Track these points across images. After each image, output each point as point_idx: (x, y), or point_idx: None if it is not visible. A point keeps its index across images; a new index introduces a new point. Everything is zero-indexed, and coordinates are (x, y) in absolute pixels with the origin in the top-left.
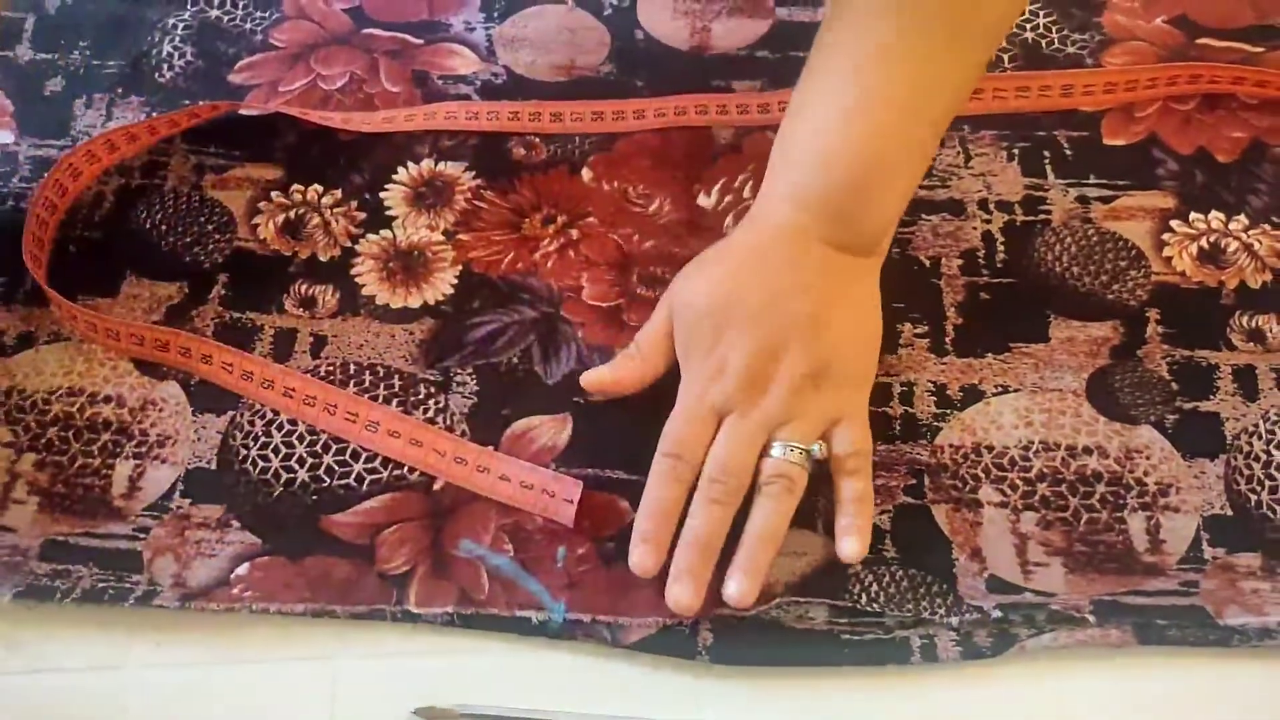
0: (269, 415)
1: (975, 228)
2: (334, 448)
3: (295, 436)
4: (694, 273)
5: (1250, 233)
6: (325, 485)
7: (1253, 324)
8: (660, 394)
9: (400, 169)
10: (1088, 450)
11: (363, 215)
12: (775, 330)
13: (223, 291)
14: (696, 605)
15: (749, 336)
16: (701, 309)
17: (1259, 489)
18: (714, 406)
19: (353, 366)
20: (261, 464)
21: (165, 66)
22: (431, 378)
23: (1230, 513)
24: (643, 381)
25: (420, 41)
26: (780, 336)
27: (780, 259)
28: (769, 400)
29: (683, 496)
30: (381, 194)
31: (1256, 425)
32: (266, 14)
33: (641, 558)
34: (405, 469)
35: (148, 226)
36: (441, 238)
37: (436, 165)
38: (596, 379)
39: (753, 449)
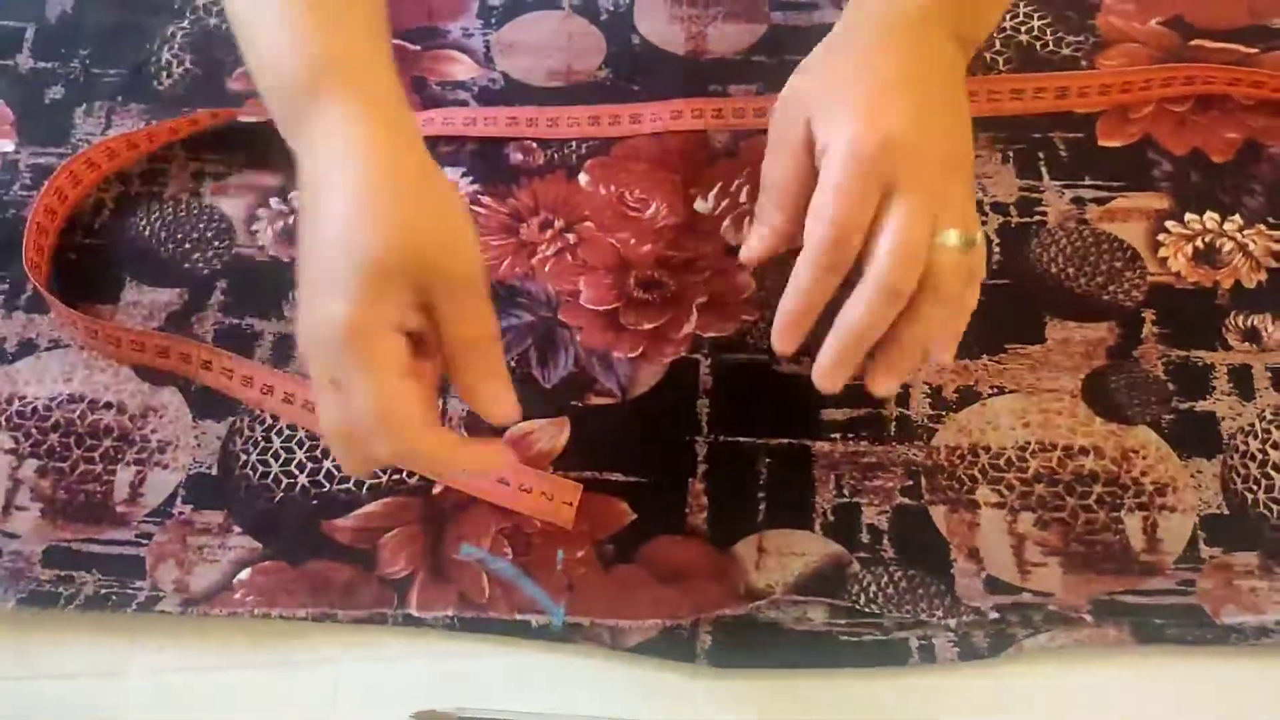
0: (269, 421)
1: None
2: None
3: (295, 442)
4: (824, 62)
5: (1245, 233)
6: (326, 490)
7: (1248, 324)
8: (653, 399)
9: None
10: (1084, 451)
11: None
12: (925, 104)
13: (222, 298)
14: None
15: (904, 105)
16: (849, 74)
17: (1255, 488)
18: (881, 171)
19: None
20: (262, 469)
21: (165, 74)
22: None
23: (1227, 512)
24: (791, 222)
25: (418, 48)
26: (929, 111)
27: (912, 43)
28: (931, 177)
29: (835, 287)
30: None
31: (1252, 424)
32: None
33: (784, 343)
34: (404, 473)
35: (147, 233)
36: None
37: None
38: (753, 248)
39: (931, 227)
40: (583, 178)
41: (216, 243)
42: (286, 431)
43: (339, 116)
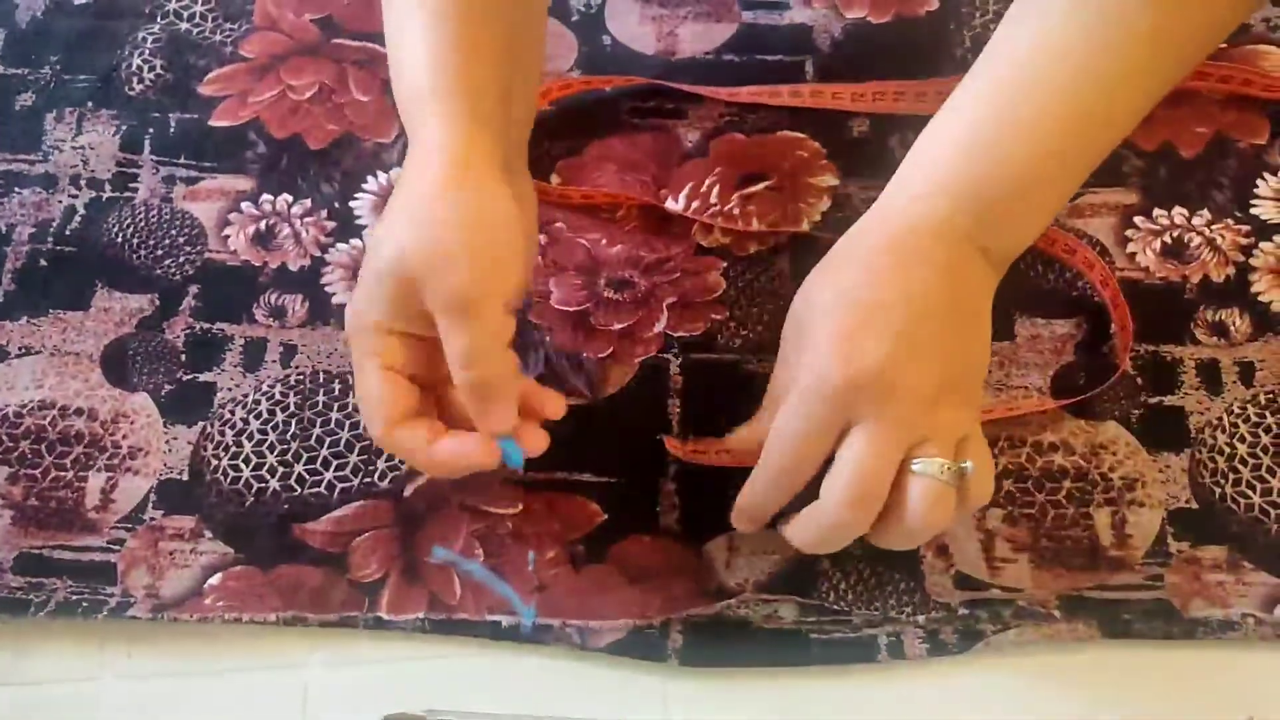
0: (239, 425)
1: None
2: (304, 456)
3: (266, 446)
4: (816, 277)
5: (1213, 228)
6: (297, 494)
7: (1216, 318)
8: (623, 399)
9: (370, 178)
10: (1053, 447)
11: (333, 225)
12: (916, 333)
13: (193, 303)
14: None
15: (882, 338)
16: (823, 307)
17: (1223, 482)
18: (844, 408)
19: (323, 375)
20: (233, 474)
21: (135, 80)
22: None
23: (1195, 506)
24: None
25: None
26: (919, 339)
27: (921, 257)
28: (906, 409)
29: (789, 498)
30: (351, 203)
31: (1220, 419)
32: (236, 26)
33: (741, 527)
34: (376, 477)
35: (119, 239)
36: None
37: None
38: (740, 442)
39: (892, 463)
40: (554, 178)
41: (188, 248)
42: (258, 436)
43: (430, 123)
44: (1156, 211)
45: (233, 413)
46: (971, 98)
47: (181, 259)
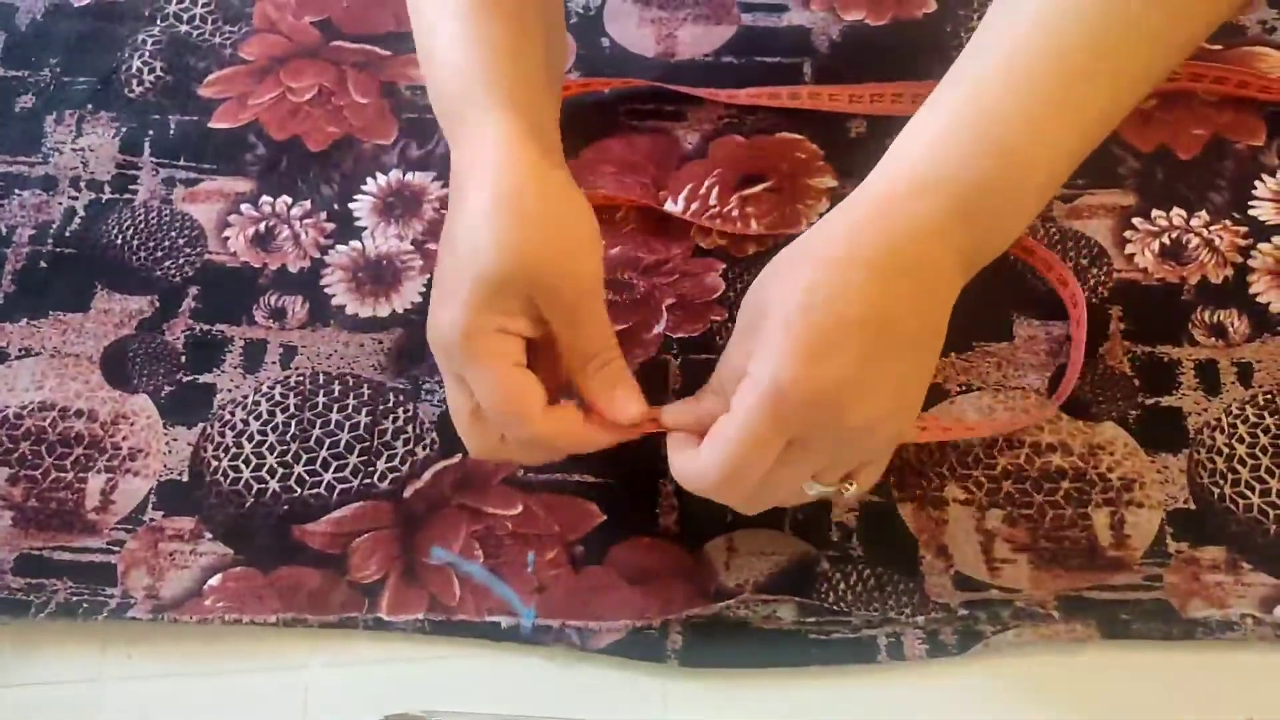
0: (239, 426)
1: None
2: (304, 457)
3: (265, 447)
4: (787, 267)
5: (1211, 229)
6: (296, 495)
7: (1214, 319)
8: None
9: (369, 180)
10: (1052, 447)
11: (332, 226)
12: (879, 353)
13: (193, 304)
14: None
15: (848, 356)
16: (791, 308)
17: (1221, 482)
18: (793, 423)
19: (322, 376)
20: (233, 475)
21: (135, 82)
22: (401, 386)
23: (1193, 507)
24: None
25: (388, 53)
26: (881, 361)
27: (898, 267)
28: (841, 439)
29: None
30: (350, 205)
31: (1219, 419)
32: (236, 28)
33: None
34: (375, 478)
35: (119, 241)
36: (410, 247)
37: (405, 175)
38: (675, 420)
39: (804, 479)
40: None
41: (188, 249)
42: (257, 437)
43: (481, 124)
44: (1155, 213)
45: (232, 414)
46: (951, 95)
47: (181, 260)
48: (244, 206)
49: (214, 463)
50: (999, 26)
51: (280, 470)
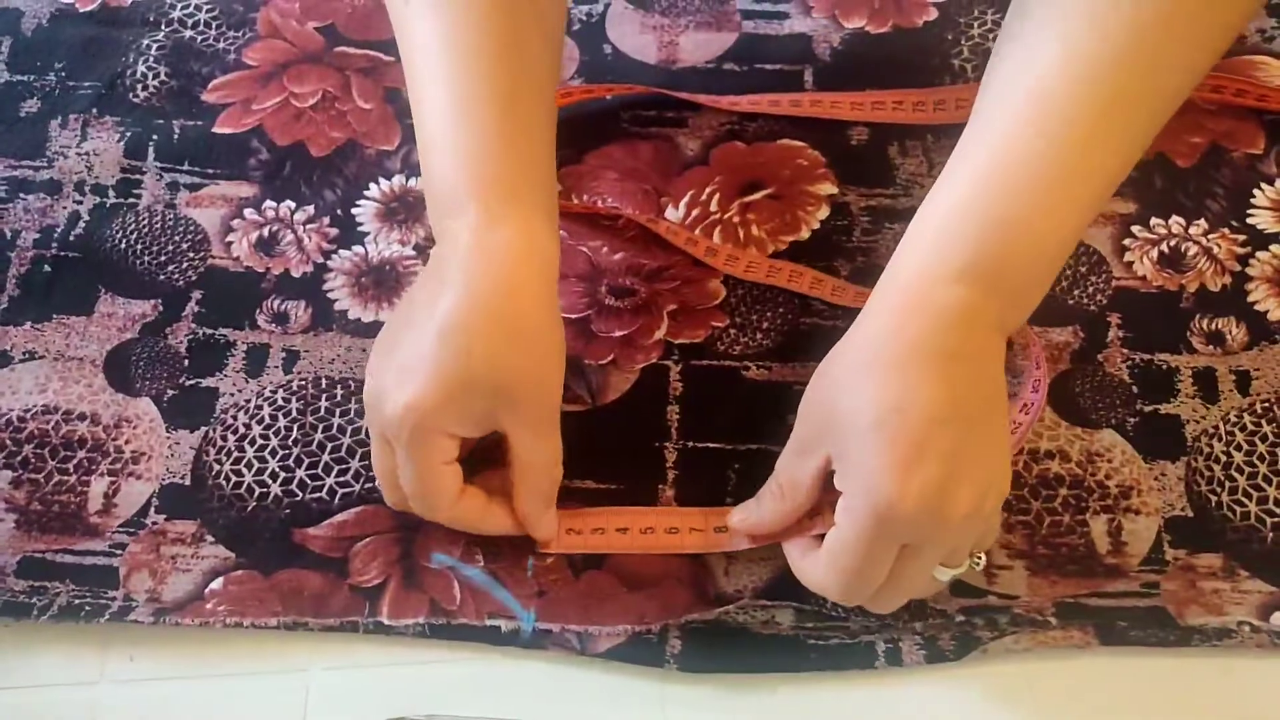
0: (241, 430)
1: None
2: (306, 461)
3: (268, 451)
4: (849, 378)
5: (1210, 237)
6: (298, 499)
7: (1213, 327)
8: (623, 406)
9: (372, 185)
10: (1050, 454)
11: (335, 231)
12: (963, 445)
13: (196, 308)
14: None
15: (937, 459)
16: (868, 423)
17: (1219, 490)
18: (895, 538)
19: (325, 381)
20: (235, 479)
21: (140, 87)
22: None
23: (1191, 514)
24: (791, 520)
25: (392, 59)
26: (966, 453)
27: (954, 355)
28: (950, 535)
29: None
30: (353, 210)
31: (1216, 427)
32: (240, 33)
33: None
34: (377, 482)
35: (123, 245)
36: (413, 252)
37: (408, 181)
38: (742, 522)
39: (929, 573)
40: None
41: (191, 254)
42: (259, 441)
43: (484, 225)
44: (1154, 221)
45: (235, 418)
46: (966, 172)
47: (185, 265)
48: (247, 211)
49: (216, 466)
50: (1000, 97)
51: (282, 474)
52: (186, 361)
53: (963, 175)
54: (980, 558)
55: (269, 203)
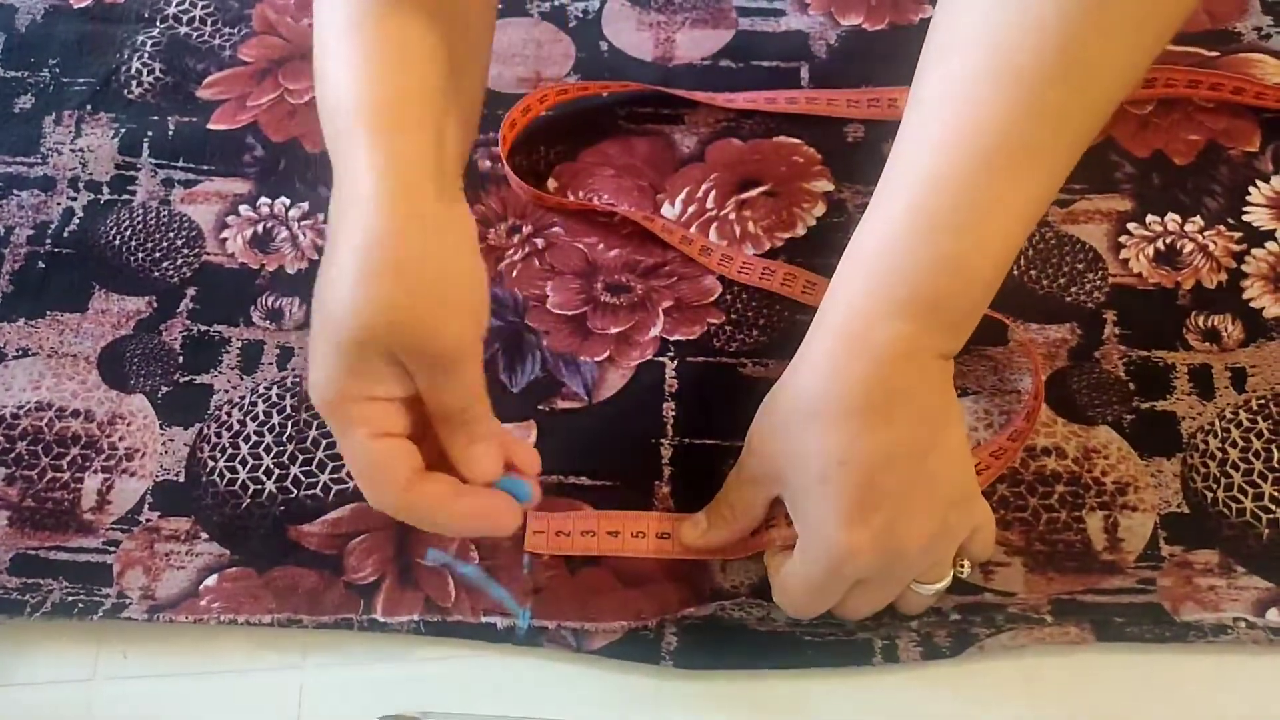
0: (236, 427)
1: None
2: (300, 459)
3: (262, 448)
4: (793, 425)
5: (1206, 234)
6: (292, 496)
7: (1208, 324)
8: (619, 403)
9: None
10: (1046, 451)
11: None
12: (915, 484)
13: (191, 305)
14: None
15: (883, 504)
16: (814, 477)
17: (1215, 487)
18: (848, 580)
19: None
20: (229, 476)
21: (134, 83)
22: None
23: (1187, 510)
24: (736, 539)
25: None
26: (918, 491)
27: (899, 390)
28: (910, 565)
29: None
30: None
31: (1212, 424)
32: (235, 30)
33: None
34: None
35: (117, 242)
36: None
37: None
38: (689, 540)
39: (894, 596)
40: (551, 183)
41: (185, 250)
42: (254, 438)
43: (361, 165)
44: (1150, 218)
45: (229, 415)
46: (896, 206)
47: (179, 261)
48: (242, 208)
49: (210, 463)
50: (928, 118)
51: (276, 471)
52: (181, 358)
53: (895, 207)
54: (963, 566)
55: (263, 199)
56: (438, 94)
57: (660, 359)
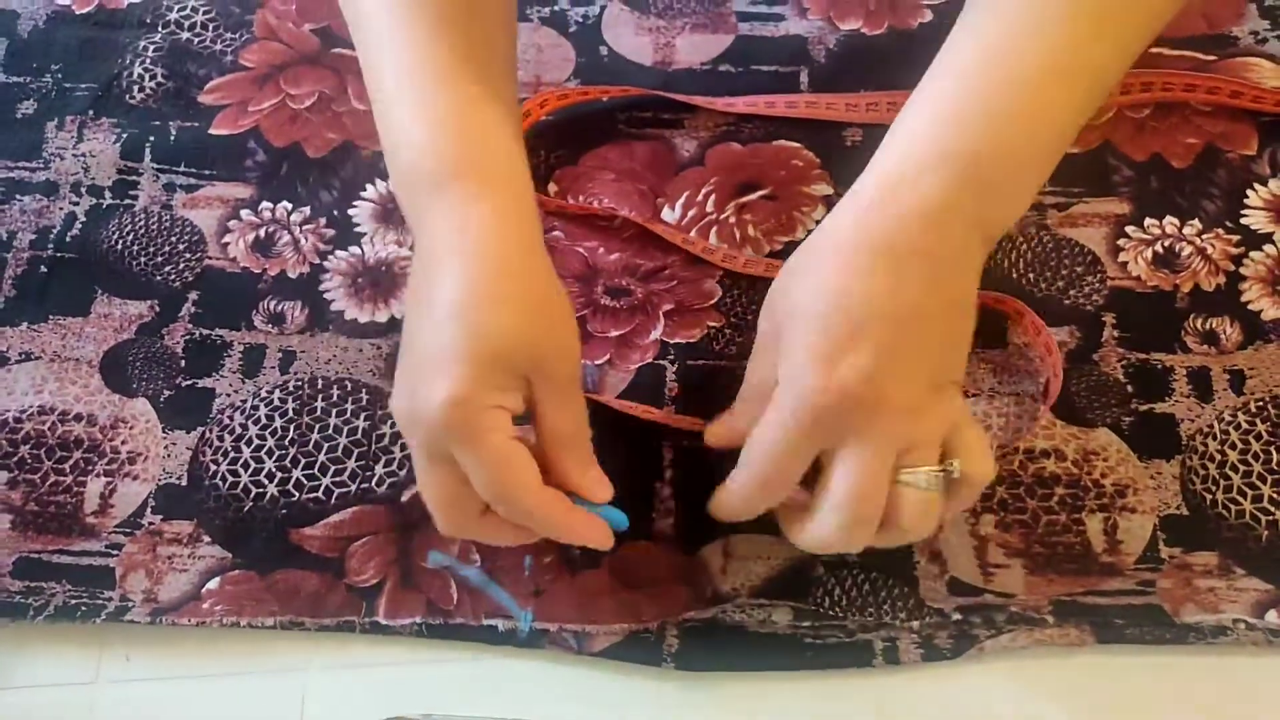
0: (238, 430)
1: None
2: (302, 462)
3: (264, 451)
4: (806, 265)
5: (1204, 237)
6: (294, 499)
7: (1207, 327)
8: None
9: (369, 186)
10: (1045, 453)
11: (331, 232)
12: (901, 338)
13: (193, 309)
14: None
15: (869, 350)
16: (811, 310)
17: (1214, 489)
18: (827, 426)
19: (321, 381)
20: (231, 479)
21: (136, 88)
22: None
23: (1186, 512)
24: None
25: None
26: (907, 343)
27: (908, 252)
28: (887, 426)
29: (769, 507)
30: (350, 211)
31: (1211, 426)
32: (237, 35)
33: (722, 514)
34: (373, 482)
35: (119, 246)
36: (409, 253)
37: None
38: (717, 435)
39: (884, 480)
40: (551, 187)
41: (188, 255)
42: (256, 441)
43: (464, 202)
44: (1148, 221)
45: (231, 418)
46: (957, 66)
47: (181, 266)
48: (244, 212)
49: (213, 467)
50: (980, 18)
51: (278, 474)
52: (183, 362)
53: (950, 68)
54: (954, 464)
55: (265, 204)
56: (514, 114)
57: (660, 362)
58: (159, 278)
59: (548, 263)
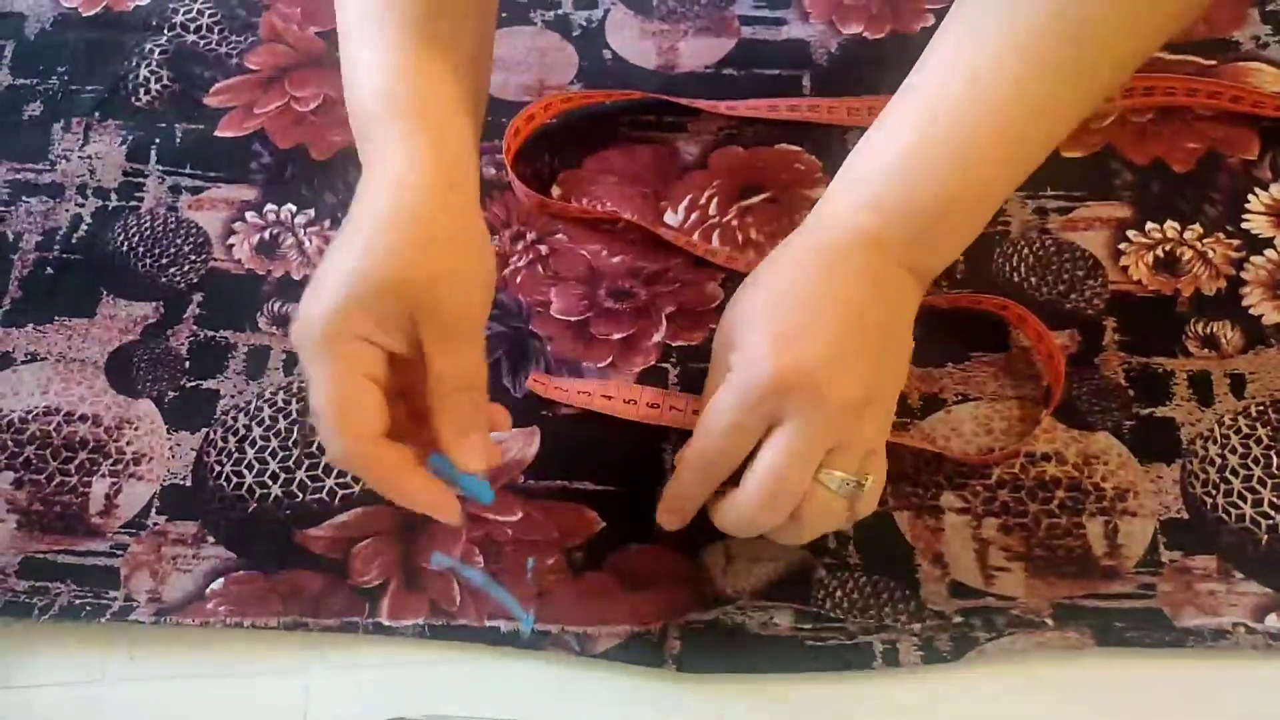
0: (242, 431)
1: None
2: (306, 463)
3: (268, 453)
4: (751, 281)
5: (1205, 241)
6: (299, 500)
7: (1207, 331)
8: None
9: None
10: (1046, 457)
11: (336, 234)
12: (846, 340)
13: (198, 311)
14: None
15: (815, 341)
16: (759, 309)
17: (1214, 493)
18: (773, 406)
19: None
20: (236, 480)
21: (142, 91)
22: None
23: (1186, 516)
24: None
25: None
26: (849, 347)
27: (855, 268)
28: (825, 420)
29: (711, 490)
30: None
31: (1211, 430)
32: (242, 38)
33: (667, 523)
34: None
35: (124, 248)
36: None
37: None
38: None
39: (811, 469)
40: (555, 190)
41: (193, 256)
42: (260, 442)
43: (394, 139)
44: (1149, 225)
45: (235, 419)
46: (902, 117)
47: (186, 267)
48: (249, 214)
49: (217, 467)
50: (954, 44)
51: (283, 475)
52: (187, 363)
53: (905, 114)
54: (867, 479)
55: (270, 206)
56: (463, 100)
57: (663, 365)
58: (164, 279)
59: (471, 206)
